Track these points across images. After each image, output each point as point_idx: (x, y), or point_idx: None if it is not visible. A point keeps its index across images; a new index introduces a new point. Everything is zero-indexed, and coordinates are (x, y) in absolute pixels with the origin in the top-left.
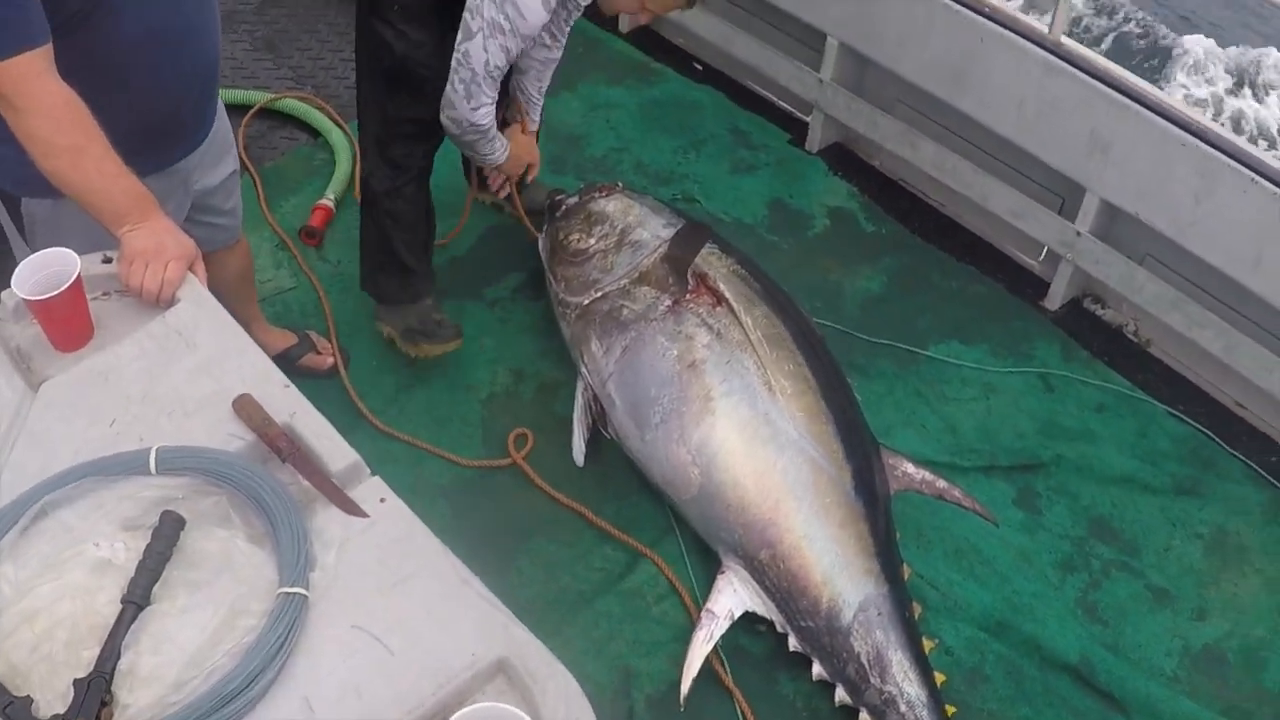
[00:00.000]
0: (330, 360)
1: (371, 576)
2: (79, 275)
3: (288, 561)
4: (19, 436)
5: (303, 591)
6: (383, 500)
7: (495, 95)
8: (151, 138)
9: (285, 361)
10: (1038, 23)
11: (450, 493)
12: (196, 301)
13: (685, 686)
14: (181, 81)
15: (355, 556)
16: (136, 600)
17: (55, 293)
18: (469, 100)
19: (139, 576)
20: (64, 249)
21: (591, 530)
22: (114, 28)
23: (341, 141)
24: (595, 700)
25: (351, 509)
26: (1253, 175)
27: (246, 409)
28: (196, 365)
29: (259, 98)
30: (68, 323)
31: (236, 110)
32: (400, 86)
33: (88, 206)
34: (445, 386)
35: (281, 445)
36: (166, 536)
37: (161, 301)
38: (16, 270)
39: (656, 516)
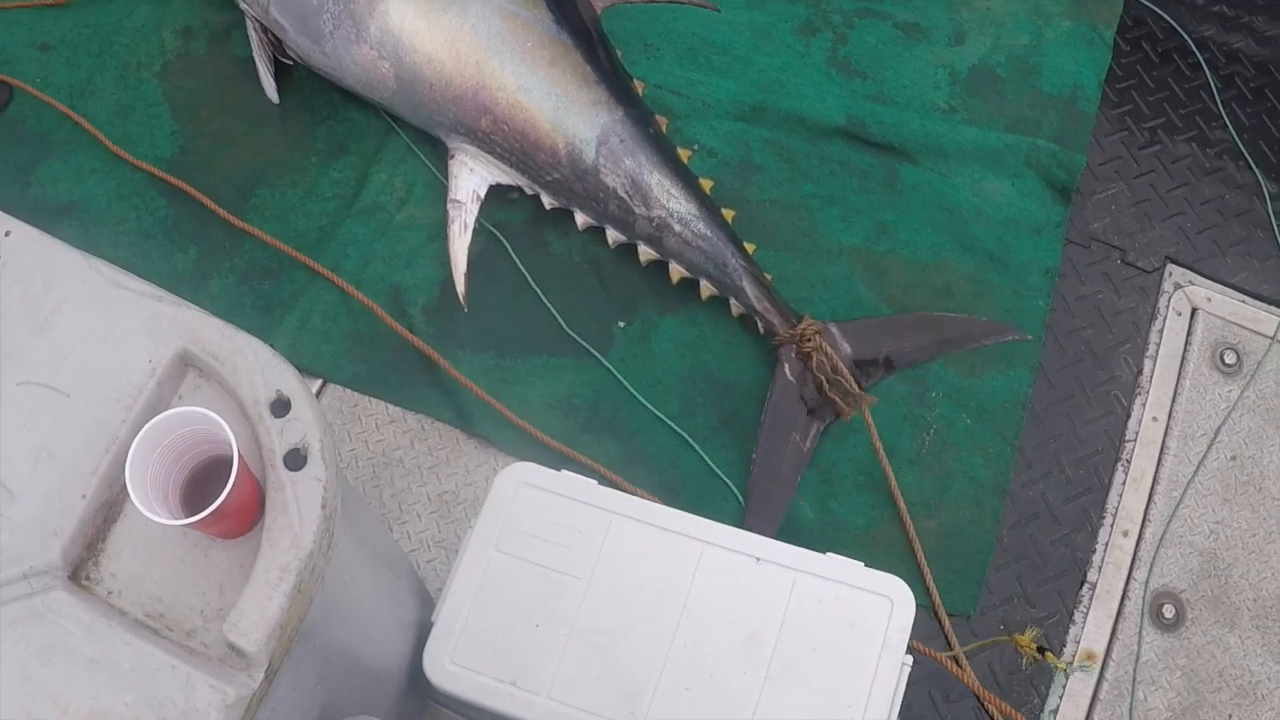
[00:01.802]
0: None
1: (19, 321)
2: None
3: None
4: None
5: None
6: (8, 233)
7: None
8: None
9: None
10: None
11: (156, 183)
12: None
13: (460, 286)
14: None
15: None
16: None
17: None
18: None
19: None
20: None
21: (311, 163)
22: None
23: None
24: (373, 326)
25: None
26: None
27: None
28: None
29: None
30: None
31: None
32: None
33: None
34: (116, 71)
35: None
36: None
37: None
38: None
39: (372, 123)
